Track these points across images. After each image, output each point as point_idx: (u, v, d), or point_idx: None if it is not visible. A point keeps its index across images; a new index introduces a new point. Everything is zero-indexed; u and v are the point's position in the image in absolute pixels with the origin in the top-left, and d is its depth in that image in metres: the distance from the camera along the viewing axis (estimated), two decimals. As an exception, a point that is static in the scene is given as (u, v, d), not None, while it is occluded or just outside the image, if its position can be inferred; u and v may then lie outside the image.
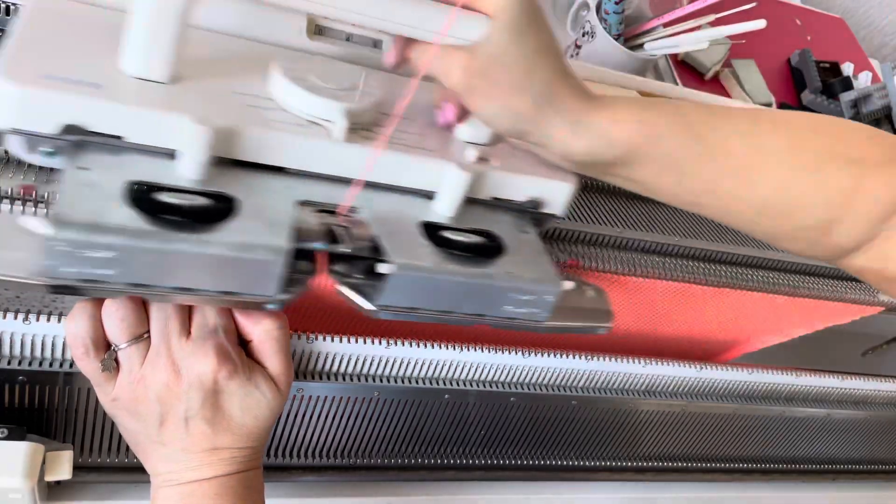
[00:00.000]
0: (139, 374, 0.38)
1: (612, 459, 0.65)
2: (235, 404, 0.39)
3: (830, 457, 0.76)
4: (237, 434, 0.40)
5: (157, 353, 0.38)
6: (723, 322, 0.68)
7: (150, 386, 0.38)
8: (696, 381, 0.62)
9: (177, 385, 0.38)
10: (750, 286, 0.61)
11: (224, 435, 0.40)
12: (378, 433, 0.54)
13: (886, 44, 1.37)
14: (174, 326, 0.38)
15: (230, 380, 0.39)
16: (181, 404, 0.38)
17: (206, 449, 0.40)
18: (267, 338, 0.41)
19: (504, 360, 0.54)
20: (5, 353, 0.42)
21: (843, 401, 0.71)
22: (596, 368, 0.57)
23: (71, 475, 0.43)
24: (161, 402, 0.38)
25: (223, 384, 0.39)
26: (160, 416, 0.39)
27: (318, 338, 0.48)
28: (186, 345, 0.38)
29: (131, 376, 0.39)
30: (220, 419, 0.39)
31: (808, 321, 0.70)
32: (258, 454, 0.42)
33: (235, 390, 0.39)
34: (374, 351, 0.49)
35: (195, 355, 0.38)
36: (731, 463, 0.71)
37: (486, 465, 0.60)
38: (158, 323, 0.38)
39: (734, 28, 0.77)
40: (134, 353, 0.38)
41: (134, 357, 0.38)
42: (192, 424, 0.39)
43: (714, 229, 0.64)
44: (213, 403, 0.39)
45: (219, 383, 0.38)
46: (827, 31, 1.15)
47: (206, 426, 0.39)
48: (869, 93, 0.96)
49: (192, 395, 0.38)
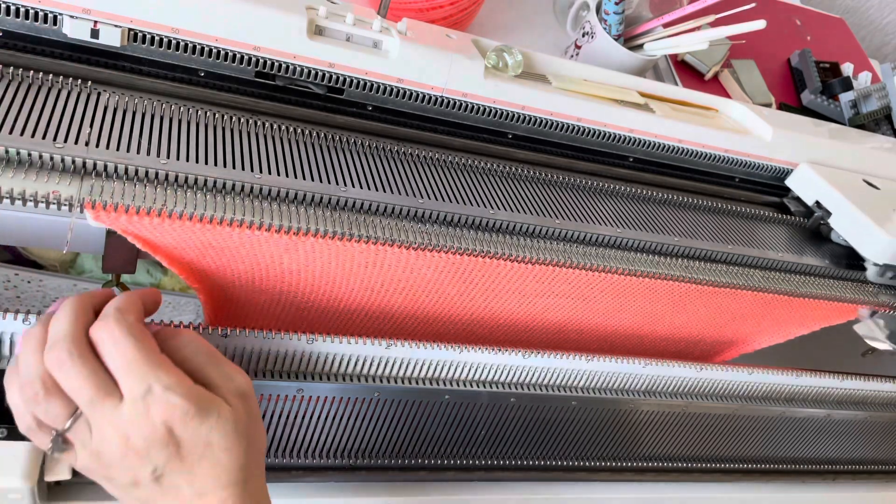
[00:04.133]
0: (92, 448, 0.36)
1: (612, 460, 0.65)
2: (201, 445, 0.37)
3: (830, 457, 0.76)
4: (217, 473, 0.38)
5: (98, 427, 0.36)
6: (722, 322, 0.68)
7: (109, 458, 0.36)
8: (697, 382, 0.62)
9: (134, 454, 0.36)
10: (750, 286, 0.61)
11: (204, 479, 0.37)
12: (378, 433, 0.54)
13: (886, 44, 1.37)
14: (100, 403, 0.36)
15: (185, 425, 0.36)
16: (146, 468, 0.36)
17: (191, 498, 0.37)
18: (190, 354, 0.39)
19: (504, 361, 0.53)
20: (5, 353, 0.42)
21: (843, 401, 0.71)
22: (596, 369, 0.57)
23: (70, 475, 0.43)
24: (126, 469, 0.37)
25: (179, 432, 0.36)
26: (132, 480, 0.37)
27: (318, 338, 0.48)
28: (123, 411, 0.36)
29: (86, 450, 0.37)
30: (192, 466, 0.37)
31: (807, 321, 0.70)
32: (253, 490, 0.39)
33: (195, 432, 0.37)
34: (375, 351, 0.49)
35: (137, 420, 0.36)
36: (731, 463, 0.71)
37: (487, 465, 0.60)
38: (85, 408, 0.36)
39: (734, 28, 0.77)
40: (80, 429, 0.36)
41: (82, 434, 0.37)
42: (166, 481, 0.37)
43: (714, 229, 0.63)
44: (178, 454, 0.37)
45: (174, 433, 0.36)
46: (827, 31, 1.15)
47: (179, 478, 0.37)
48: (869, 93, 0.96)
49: (153, 457, 0.36)
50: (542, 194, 0.58)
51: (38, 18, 0.46)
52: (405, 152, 0.55)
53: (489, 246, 0.51)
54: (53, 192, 0.40)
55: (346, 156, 0.52)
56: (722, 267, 0.61)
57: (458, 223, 0.51)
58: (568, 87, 0.62)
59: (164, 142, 0.45)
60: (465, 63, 0.55)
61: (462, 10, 0.79)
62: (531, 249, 0.52)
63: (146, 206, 0.41)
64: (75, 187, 0.41)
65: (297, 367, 0.49)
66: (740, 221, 0.67)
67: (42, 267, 0.70)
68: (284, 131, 0.51)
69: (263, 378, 0.47)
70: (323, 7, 0.52)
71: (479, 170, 0.57)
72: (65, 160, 0.41)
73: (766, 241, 0.66)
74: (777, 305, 0.66)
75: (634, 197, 0.63)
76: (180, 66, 0.50)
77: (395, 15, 0.77)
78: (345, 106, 0.55)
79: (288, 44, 0.50)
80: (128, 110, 0.47)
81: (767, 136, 0.69)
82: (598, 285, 0.57)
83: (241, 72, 0.51)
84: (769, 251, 0.64)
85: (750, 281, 0.61)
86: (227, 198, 0.44)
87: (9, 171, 0.40)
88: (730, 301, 0.64)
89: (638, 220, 0.60)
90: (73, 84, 0.47)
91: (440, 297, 0.55)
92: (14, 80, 0.45)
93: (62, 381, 0.36)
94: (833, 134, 0.76)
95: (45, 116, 0.43)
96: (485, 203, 0.53)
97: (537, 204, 0.56)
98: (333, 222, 0.46)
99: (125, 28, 0.47)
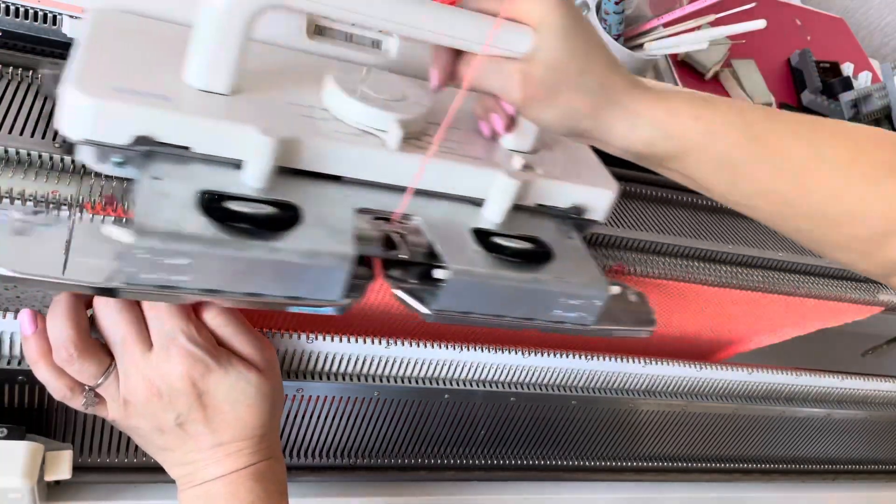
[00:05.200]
0: (121, 399, 0.39)
1: (611, 459, 0.65)
2: (222, 398, 0.40)
3: (830, 457, 0.76)
4: (236, 427, 0.40)
5: (127, 375, 0.39)
6: (721, 322, 0.68)
7: (136, 404, 0.39)
8: (696, 381, 0.62)
9: (158, 399, 0.39)
10: (749, 286, 0.61)
11: (224, 430, 0.40)
12: (378, 433, 0.54)
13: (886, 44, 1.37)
14: (132, 345, 0.38)
15: (206, 377, 0.39)
16: (171, 413, 0.39)
17: (211, 446, 0.40)
18: (217, 325, 0.41)
19: (504, 360, 0.53)
20: (5, 353, 0.42)
21: (843, 401, 0.71)
22: (596, 368, 0.57)
23: (70, 475, 0.43)
24: (151, 416, 0.39)
25: (201, 384, 0.39)
26: (157, 427, 0.40)
27: (318, 338, 0.48)
28: (152, 358, 0.38)
29: (116, 402, 0.40)
30: (214, 416, 0.40)
31: (807, 321, 0.70)
32: (269, 443, 0.42)
33: (216, 385, 0.39)
34: (375, 351, 0.49)
35: (163, 366, 0.38)
36: (731, 463, 0.71)
37: (486, 465, 0.60)
38: (116, 347, 0.39)
39: (734, 28, 0.77)
40: (109, 386, 0.39)
41: (111, 388, 0.39)
42: (189, 428, 0.40)
43: (714, 229, 0.64)
44: (200, 404, 0.39)
45: (197, 384, 0.39)
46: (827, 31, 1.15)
47: (201, 426, 0.40)
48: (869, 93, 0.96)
49: (177, 403, 0.39)
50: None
51: (38, 18, 0.46)
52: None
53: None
54: (53, 192, 0.40)
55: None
56: (721, 267, 0.61)
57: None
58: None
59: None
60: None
61: (462, 10, 0.79)
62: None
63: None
64: (74, 187, 0.41)
65: (297, 367, 0.49)
66: (741, 221, 0.67)
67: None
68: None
69: (263, 378, 0.47)
70: None
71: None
72: (64, 160, 0.41)
73: (767, 241, 0.66)
74: (778, 305, 0.66)
75: (635, 197, 0.63)
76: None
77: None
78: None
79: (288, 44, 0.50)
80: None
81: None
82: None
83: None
84: (769, 251, 0.64)
85: (750, 281, 0.61)
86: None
87: (8, 171, 0.40)
88: (731, 301, 0.64)
89: (639, 220, 0.60)
90: (73, 84, 0.47)
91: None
92: (14, 80, 0.45)
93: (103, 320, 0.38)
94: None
95: (44, 116, 0.43)
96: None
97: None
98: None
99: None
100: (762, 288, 0.62)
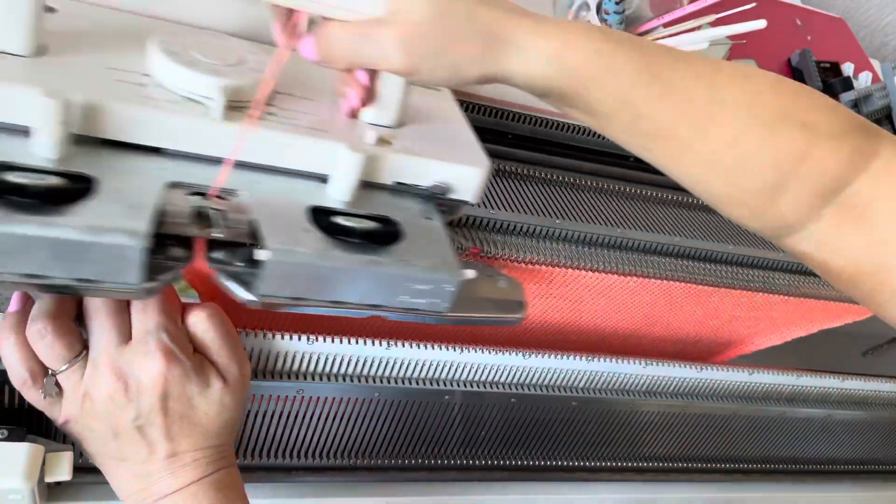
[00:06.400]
0: (82, 390, 0.38)
1: (612, 460, 0.65)
2: (187, 404, 0.38)
3: (830, 457, 0.76)
4: (195, 435, 0.39)
5: (95, 365, 0.37)
6: (721, 322, 0.68)
7: (96, 399, 0.37)
8: (697, 382, 0.62)
9: (123, 394, 0.37)
10: (749, 286, 0.61)
11: (181, 439, 0.39)
12: (378, 433, 0.54)
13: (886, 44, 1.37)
14: (111, 336, 0.37)
15: (180, 380, 0.38)
16: (130, 412, 0.37)
17: (166, 456, 0.39)
18: (199, 330, 0.40)
19: (504, 361, 0.53)
20: (5, 353, 0.42)
21: (844, 401, 0.71)
22: (596, 369, 0.57)
23: (71, 476, 0.43)
24: (110, 415, 0.38)
25: (172, 386, 0.37)
26: (113, 429, 0.38)
27: (319, 338, 0.48)
28: (127, 350, 0.37)
29: (75, 394, 0.38)
30: (174, 422, 0.38)
31: (807, 322, 0.70)
32: (225, 451, 0.41)
33: (185, 390, 0.38)
34: (375, 352, 0.49)
35: (139, 360, 0.37)
36: (732, 463, 0.71)
37: (487, 465, 0.60)
38: (94, 336, 0.38)
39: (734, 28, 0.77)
40: (74, 374, 0.38)
41: (74, 377, 0.38)
42: (147, 432, 0.38)
43: (714, 229, 0.63)
44: (163, 407, 0.38)
45: (168, 384, 0.37)
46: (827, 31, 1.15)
47: (159, 432, 0.38)
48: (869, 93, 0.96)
49: (141, 402, 0.37)
50: (542, 194, 0.58)
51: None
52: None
53: (489, 246, 0.51)
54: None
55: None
56: (722, 267, 0.61)
57: (457, 224, 0.51)
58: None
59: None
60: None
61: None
62: (531, 250, 0.52)
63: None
64: None
65: (298, 368, 0.49)
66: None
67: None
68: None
69: (263, 378, 0.47)
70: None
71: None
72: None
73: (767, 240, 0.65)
74: (777, 305, 0.66)
75: (635, 197, 0.63)
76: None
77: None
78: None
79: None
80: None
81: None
82: (598, 285, 0.57)
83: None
84: (770, 251, 0.64)
85: (750, 281, 0.61)
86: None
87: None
88: (731, 301, 0.64)
89: (638, 220, 0.60)
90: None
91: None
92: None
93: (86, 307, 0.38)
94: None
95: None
96: (484, 203, 0.53)
97: (537, 203, 0.56)
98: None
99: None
100: (762, 288, 0.62)
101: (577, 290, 0.57)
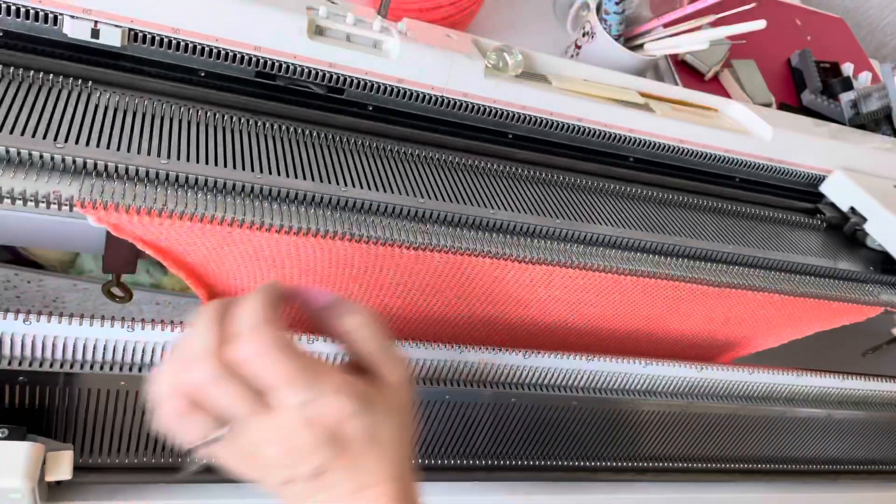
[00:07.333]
0: (243, 449, 0.35)
1: (612, 460, 0.65)
2: (367, 441, 0.36)
3: (830, 457, 0.76)
4: (381, 466, 0.37)
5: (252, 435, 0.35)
6: (721, 322, 0.68)
7: (265, 460, 0.35)
8: (697, 382, 0.62)
9: (296, 455, 0.35)
10: (749, 286, 0.61)
11: (367, 474, 0.36)
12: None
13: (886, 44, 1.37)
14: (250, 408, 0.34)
15: (352, 423, 0.35)
16: (307, 466, 0.35)
17: (351, 492, 0.36)
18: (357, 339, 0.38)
19: (505, 361, 0.53)
20: (5, 353, 0.42)
21: (844, 401, 0.71)
22: (597, 369, 0.57)
23: (71, 475, 0.43)
24: (283, 468, 0.35)
25: (346, 431, 0.35)
26: (288, 478, 0.36)
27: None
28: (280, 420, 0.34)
29: (233, 449, 0.35)
30: (356, 460, 0.36)
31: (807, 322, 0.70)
32: (409, 474, 0.39)
33: (360, 428, 0.36)
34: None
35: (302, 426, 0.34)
36: (732, 463, 0.71)
37: (487, 465, 0.60)
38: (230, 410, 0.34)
39: (734, 28, 0.77)
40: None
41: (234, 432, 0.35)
42: (327, 478, 0.36)
43: (714, 229, 0.63)
44: (343, 452, 0.35)
45: (341, 433, 0.35)
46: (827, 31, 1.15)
47: (342, 473, 0.36)
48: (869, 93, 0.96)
49: (317, 456, 0.35)
50: (542, 194, 0.58)
51: (39, 18, 0.46)
52: (406, 152, 0.55)
53: (489, 246, 0.51)
54: (54, 192, 0.40)
55: (345, 155, 0.52)
56: (722, 267, 0.61)
57: (458, 223, 0.51)
58: (568, 87, 0.62)
59: (164, 142, 0.45)
60: (465, 63, 0.55)
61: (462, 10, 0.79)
62: (531, 249, 0.52)
63: (147, 206, 0.41)
64: (76, 187, 0.41)
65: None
66: (740, 221, 0.67)
67: (42, 267, 0.70)
68: (285, 131, 0.51)
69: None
70: (323, 7, 0.52)
71: (480, 170, 0.57)
72: (65, 160, 0.41)
73: (767, 240, 0.65)
74: (778, 306, 0.66)
75: (635, 197, 0.63)
76: (181, 66, 0.50)
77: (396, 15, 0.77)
78: (345, 106, 0.55)
79: (288, 44, 0.50)
80: (128, 110, 0.47)
81: (768, 136, 0.69)
82: (598, 285, 0.57)
83: (242, 72, 0.51)
84: (770, 251, 0.64)
85: (751, 281, 0.61)
86: (226, 197, 0.44)
87: (9, 170, 0.40)
88: (731, 301, 0.64)
89: (638, 220, 0.60)
90: (74, 84, 0.47)
91: (439, 297, 0.55)
92: (14, 80, 0.45)
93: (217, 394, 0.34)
94: (833, 134, 0.76)
95: (45, 116, 0.43)
96: (485, 203, 0.53)
97: (538, 204, 0.56)
98: (334, 222, 0.46)
99: (125, 28, 0.47)
100: (762, 288, 0.62)
101: (577, 291, 0.57)
